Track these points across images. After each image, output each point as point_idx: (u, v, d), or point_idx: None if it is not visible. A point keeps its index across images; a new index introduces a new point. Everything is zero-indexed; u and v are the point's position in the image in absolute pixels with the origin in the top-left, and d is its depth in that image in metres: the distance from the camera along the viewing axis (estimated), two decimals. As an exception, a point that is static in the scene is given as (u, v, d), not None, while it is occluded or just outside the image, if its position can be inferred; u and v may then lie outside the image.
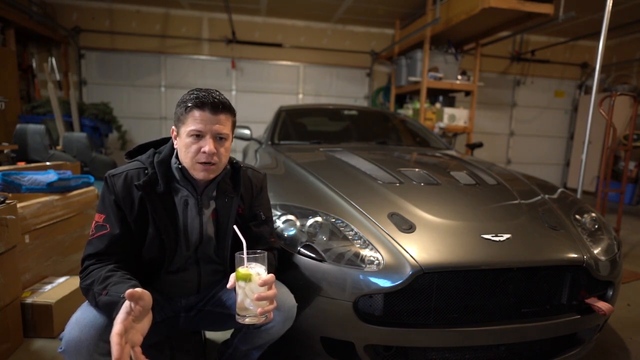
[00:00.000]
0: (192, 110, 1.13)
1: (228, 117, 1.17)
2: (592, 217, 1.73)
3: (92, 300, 1.05)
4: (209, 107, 1.12)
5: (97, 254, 1.12)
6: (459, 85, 5.41)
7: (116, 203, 1.15)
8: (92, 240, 1.13)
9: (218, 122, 1.14)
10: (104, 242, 1.11)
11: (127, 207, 1.15)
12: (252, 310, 1.03)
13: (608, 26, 2.61)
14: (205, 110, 1.12)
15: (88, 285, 1.06)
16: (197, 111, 1.13)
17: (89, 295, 1.06)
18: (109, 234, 1.12)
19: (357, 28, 6.95)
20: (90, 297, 1.06)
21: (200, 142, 1.14)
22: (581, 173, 2.77)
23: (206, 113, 1.12)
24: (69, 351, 1.00)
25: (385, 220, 1.47)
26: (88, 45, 6.28)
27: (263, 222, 1.35)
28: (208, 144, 1.12)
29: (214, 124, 1.13)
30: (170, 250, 1.20)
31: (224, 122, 1.15)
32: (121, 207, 1.15)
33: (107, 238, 1.12)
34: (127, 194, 1.15)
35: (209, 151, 1.12)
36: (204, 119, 1.12)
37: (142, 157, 1.24)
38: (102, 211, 1.16)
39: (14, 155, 3.50)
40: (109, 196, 1.15)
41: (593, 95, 2.73)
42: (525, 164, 7.73)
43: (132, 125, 6.48)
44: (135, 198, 1.15)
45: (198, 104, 1.12)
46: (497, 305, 1.38)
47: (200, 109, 1.12)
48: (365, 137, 3.10)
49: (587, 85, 7.66)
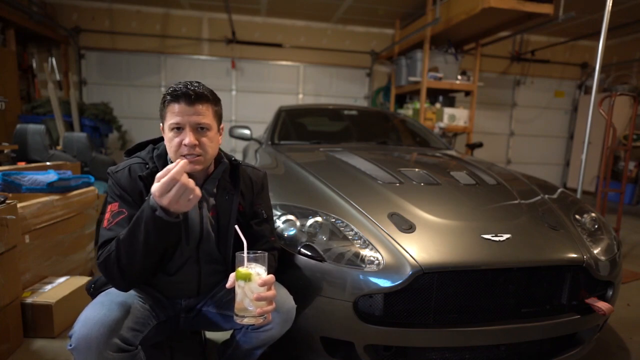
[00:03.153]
0: (169, 104, 1.14)
1: (207, 107, 1.16)
2: (592, 217, 1.73)
3: (114, 252, 1.04)
4: (184, 98, 1.12)
5: None
6: (459, 85, 5.41)
7: (126, 192, 1.16)
8: (111, 227, 1.11)
9: (196, 113, 1.13)
10: (123, 225, 1.10)
11: (135, 196, 1.16)
12: (251, 310, 1.03)
13: (608, 26, 2.61)
14: (181, 102, 1.12)
15: (115, 251, 1.04)
16: (174, 104, 1.13)
17: (110, 256, 1.04)
18: (128, 217, 1.11)
19: (357, 28, 6.95)
20: (110, 256, 1.04)
21: (181, 135, 1.13)
22: (581, 173, 2.77)
23: (182, 105, 1.12)
24: (79, 348, 1.00)
25: (385, 220, 1.47)
26: (88, 45, 6.28)
27: (264, 221, 1.34)
28: (188, 136, 1.12)
29: (191, 115, 1.12)
30: (173, 240, 1.20)
31: (202, 112, 1.14)
32: (131, 195, 1.16)
33: (127, 220, 1.11)
34: (134, 185, 1.16)
35: (189, 143, 1.11)
36: (181, 111, 1.12)
37: (141, 153, 1.25)
38: (115, 200, 1.16)
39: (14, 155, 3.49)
40: (117, 188, 1.16)
41: (593, 95, 2.73)
42: (525, 164, 7.73)
43: (132, 125, 6.48)
44: (142, 189, 1.17)
45: (174, 97, 1.13)
46: (497, 305, 1.38)
47: (176, 101, 1.12)
48: (365, 137, 3.10)
49: (587, 85, 7.66)
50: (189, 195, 0.98)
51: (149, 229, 1.01)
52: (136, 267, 1.06)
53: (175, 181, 0.96)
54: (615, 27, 5.86)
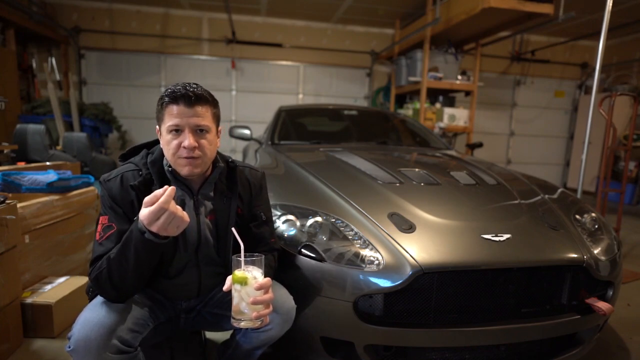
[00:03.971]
0: (167, 105, 1.12)
1: (207, 109, 1.15)
2: (592, 217, 1.73)
3: (105, 270, 1.04)
4: (183, 100, 1.11)
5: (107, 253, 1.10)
6: (459, 85, 5.41)
7: (117, 204, 1.14)
8: (102, 242, 1.11)
9: (195, 115, 1.12)
10: (113, 241, 1.10)
11: (127, 207, 1.15)
12: (247, 313, 1.03)
13: (608, 26, 2.61)
14: (180, 104, 1.11)
15: (107, 269, 1.04)
16: (172, 106, 1.11)
17: (101, 274, 1.04)
18: (117, 232, 1.11)
19: (357, 28, 6.95)
20: (102, 274, 1.04)
21: (180, 137, 1.12)
22: (581, 173, 2.77)
23: (181, 107, 1.11)
24: (78, 350, 1.00)
25: (385, 220, 1.47)
26: (88, 45, 6.28)
27: (263, 223, 1.34)
28: (187, 138, 1.11)
29: (190, 117, 1.11)
30: (169, 251, 1.20)
31: (201, 114, 1.13)
32: (122, 207, 1.15)
33: (116, 236, 1.11)
34: (125, 195, 1.15)
35: (189, 145, 1.10)
36: (180, 113, 1.11)
37: (135, 159, 1.23)
38: (105, 212, 1.15)
39: (14, 155, 3.50)
40: (108, 199, 1.15)
41: (593, 95, 2.73)
42: (525, 164, 7.73)
43: (132, 125, 6.48)
44: (133, 199, 1.15)
45: (172, 99, 1.11)
46: (497, 305, 1.38)
47: (175, 103, 1.11)
48: (365, 137, 3.09)
49: (587, 85, 7.66)
50: (178, 223, 0.97)
51: (139, 250, 1.01)
52: (129, 282, 1.06)
53: (164, 210, 0.94)
54: (615, 27, 5.86)
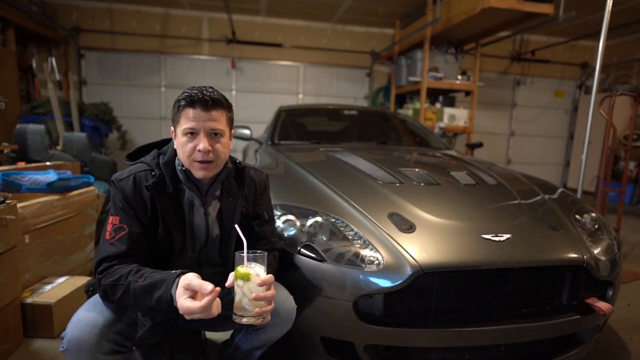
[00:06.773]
0: (184, 109, 1.13)
1: (222, 113, 1.16)
2: (592, 217, 1.73)
3: (120, 289, 1.04)
4: (200, 104, 1.12)
5: (119, 255, 1.10)
6: (459, 85, 5.41)
7: (129, 204, 1.14)
8: (114, 243, 1.10)
9: (211, 119, 1.13)
10: (125, 243, 1.10)
11: (140, 208, 1.15)
12: (249, 310, 1.03)
13: (608, 26, 2.61)
14: (196, 108, 1.12)
15: (114, 281, 1.04)
16: (189, 109, 1.12)
17: (115, 288, 1.04)
18: (128, 234, 1.11)
19: (357, 28, 6.94)
20: (116, 289, 1.04)
21: (195, 140, 1.13)
22: (581, 173, 2.77)
23: (198, 110, 1.12)
24: (71, 350, 1.00)
25: (385, 220, 1.47)
26: (88, 45, 6.28)
27: (265, 222, 1.35)
28: (202, 142, 1.12)
29: (206, 121, 1.13)
30: (177, 251, 1.20)
31: (217, 118, 1.14)
32: (134, 208, 1.14)
33: (128, 237, 1.11)
34: (138, 195, 1.15)
35: (204, 149, 1.12)
36: (196, 117, 1.12)
37: (146, 159, 1.23)
38: (117, 213, 1.14)
39: (14, 155, 3.49)
40: (121, 199, 1.14)
41: (593, 95, 2.73)
42: (525, 164, 7.73)
43: (132, 125, 6.48)
44: (146, 199, 1.15)
45: (189, 102, 1.12)
46: (497, 306, 1.38)
47: (192, 106, 1.12)
48: (365, 137, 3.09)
49: (587, 85, 7.66)
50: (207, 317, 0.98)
51: (161, 305, 1.02)
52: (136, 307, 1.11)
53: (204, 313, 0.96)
54: (615, 27, 5.87)
